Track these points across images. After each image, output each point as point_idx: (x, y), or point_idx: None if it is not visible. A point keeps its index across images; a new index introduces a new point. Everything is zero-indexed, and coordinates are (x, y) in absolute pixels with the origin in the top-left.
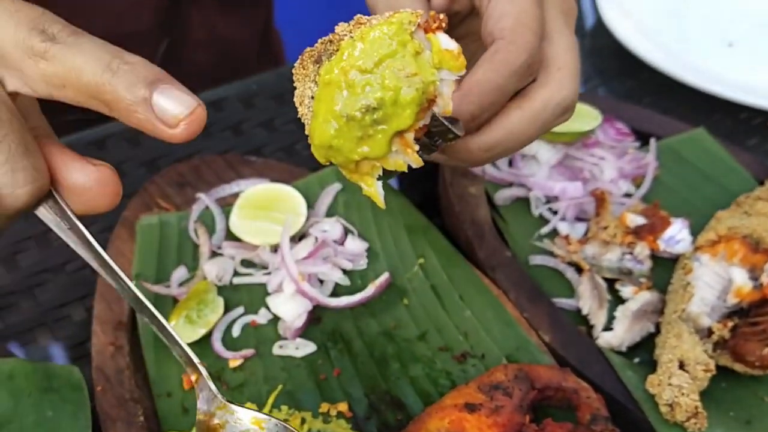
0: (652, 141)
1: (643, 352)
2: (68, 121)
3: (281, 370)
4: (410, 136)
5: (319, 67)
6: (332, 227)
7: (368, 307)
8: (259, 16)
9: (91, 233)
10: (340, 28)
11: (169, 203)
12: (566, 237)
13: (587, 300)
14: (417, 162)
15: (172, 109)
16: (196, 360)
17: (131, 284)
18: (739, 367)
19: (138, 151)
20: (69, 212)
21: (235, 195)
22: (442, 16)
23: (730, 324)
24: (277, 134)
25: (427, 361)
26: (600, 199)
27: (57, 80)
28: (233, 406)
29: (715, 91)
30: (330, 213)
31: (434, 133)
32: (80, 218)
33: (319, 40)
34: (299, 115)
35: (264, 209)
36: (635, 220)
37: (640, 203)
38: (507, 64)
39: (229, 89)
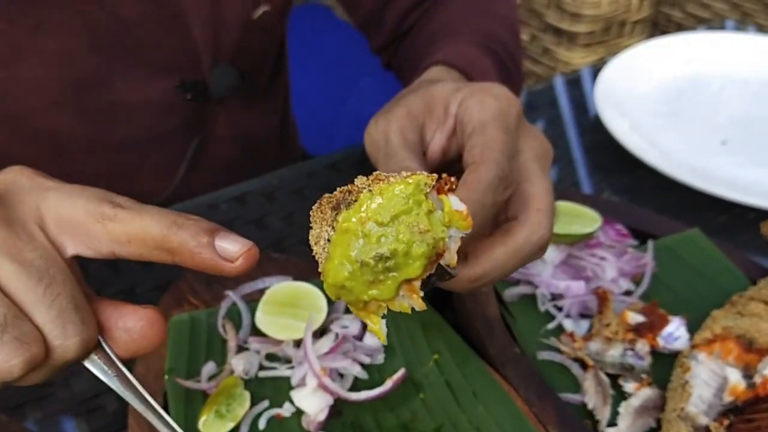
0: (650, 242)
1: None
2: None
3: None
4: (417, 284)
5: (336, 214)
6: (351, 323)
7: (386, 400)
8: (277, 109)
9: None
10: (360, 181)
11: (198, 299)
12: (571, 334)
13: (592, 396)
14: (421, 306)
15: (232, 248)
16: None
17: (176, 426)
18: None
19: None
20: (115, 358)
21: (261, 291)
22: (453, 179)
23: (727, 422)
24: (297, 227)
25: None
26: (602, 297)
27: (124, 238)
28: None
29: (709, 189)
30: (349, 309)
31: (434, 275)
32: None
33: (338, 189)
34: (314, 254)
35: (287, 306)
36: (635, 318)
37: (640, 302)
38: (479, 181)
39: (252, 184)
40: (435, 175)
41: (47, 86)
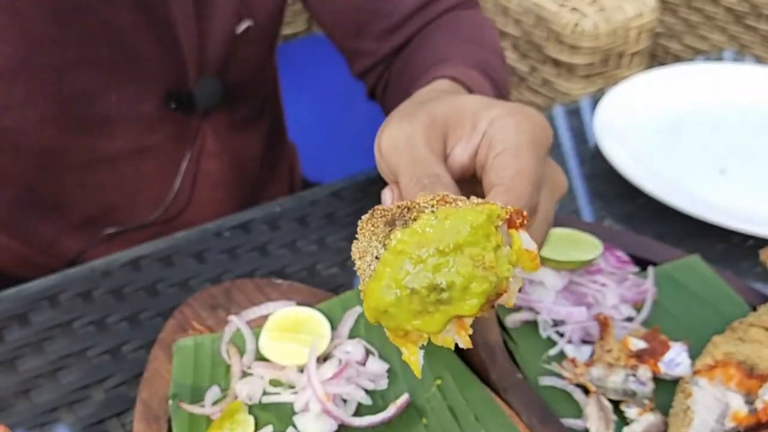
0: (650, 269)
1: None
2: (106, 237)
3: None
4: (468, 321)
5: (390, 231)
6: (355, 348)
7: (389, 426)
8: (264, 130)
9: (129, 353)
10: (422, 199)
11: (202, 325)
12: (573, 360)
13: (594, 421)
14: (467, 344)
15: None
16: None
17: None
18: None
19: (171, 271)
20: None
21: (264, 317)
22: (525, 212)
23: None
24: (300, 255)
25: None
26: (603, 324)
27: None
28: None
29: (708, 217)
30: (352, 334)
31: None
32: None
33: (396, 204)
34: (356, 268)
35: (291, 331)
36: (637, 344)
37: (641, 328)
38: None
39: (255, 212)
40: (510, 208)
41: (41, 101)
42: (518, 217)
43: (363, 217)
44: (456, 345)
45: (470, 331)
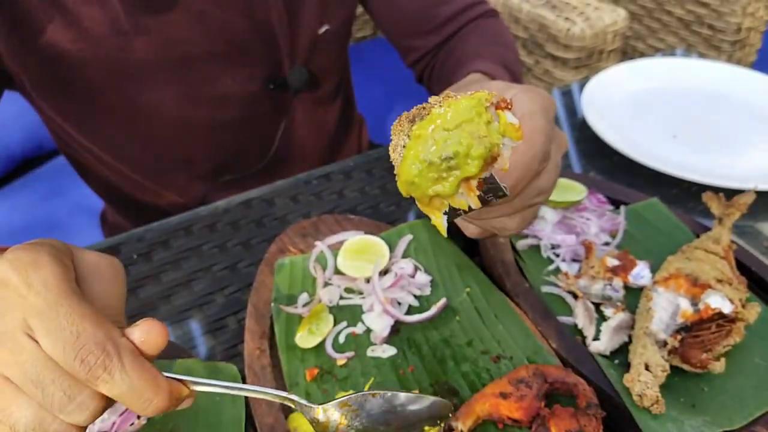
0: (622, 207)
1: (621, 355)
2: (223, 183)
3: (373, 367)
4: (474, 182)
5: (412, 125)
6: (407, 265)
7: (432, 322)
8: (339, 105)
9: (242, 268)
10: (433, 99)
11: (296, 248)
12: (566, 273)
13: (581, 318)
14: (476, 203)
15: None
16: (293, 397)
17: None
18: (686, 367)
19: (273, 209)
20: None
21: (341, 242)
22: (509, 100)
23: (679, 337)
24: (367, 197)
25: (473, 360)
26: (588, 247)
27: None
28: (323, 405)
29: (665, 170)
30: (405, 255)
31: (489, 190)
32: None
33: (415, 107)
34: (391, 159)
35: (360, 253)
36: (612, 262)
37: (615, 250)
38: (528, 151)
39: (334, 166)
40: (495, 93)
41: (175, 83)
42: (503, 102)
43: (394, 123)
44: (482, 266)
45: (477, 192)
